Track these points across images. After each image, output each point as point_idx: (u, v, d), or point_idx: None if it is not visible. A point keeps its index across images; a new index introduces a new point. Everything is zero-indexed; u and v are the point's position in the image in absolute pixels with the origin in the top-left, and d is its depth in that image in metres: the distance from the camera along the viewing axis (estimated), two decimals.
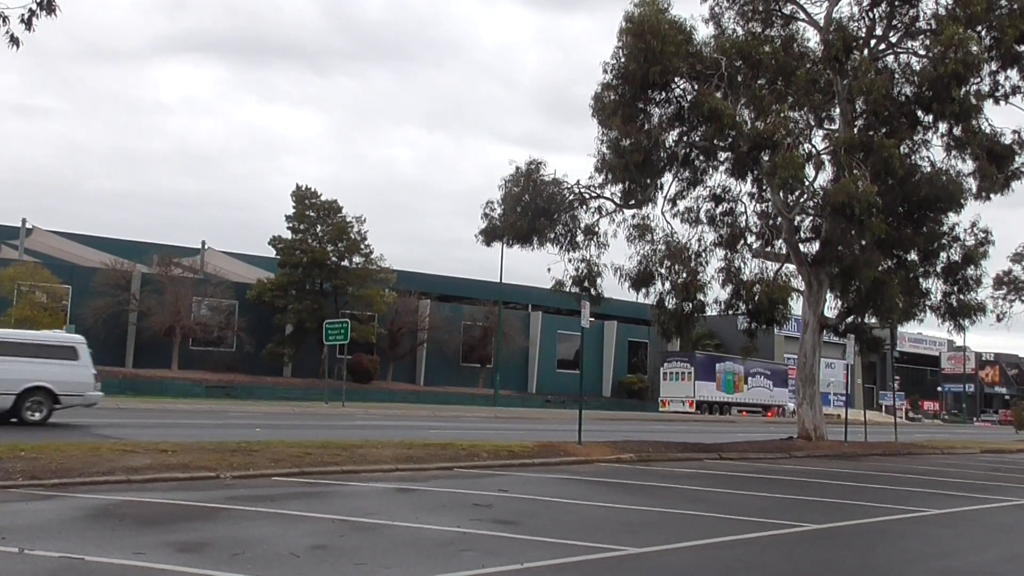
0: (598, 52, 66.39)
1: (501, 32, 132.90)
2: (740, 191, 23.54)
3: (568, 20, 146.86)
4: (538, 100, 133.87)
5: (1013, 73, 21.45)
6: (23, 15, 10.65)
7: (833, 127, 22.46)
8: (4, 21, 10.65)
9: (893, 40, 22.17)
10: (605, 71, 20.70)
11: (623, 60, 20.21)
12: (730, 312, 24.25)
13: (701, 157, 22.35)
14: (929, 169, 22.06)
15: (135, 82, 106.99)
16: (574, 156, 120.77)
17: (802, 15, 22.34)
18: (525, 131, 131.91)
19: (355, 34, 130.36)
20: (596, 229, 21.89)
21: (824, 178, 21.96)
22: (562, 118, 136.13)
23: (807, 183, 20.75)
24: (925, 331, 61.22)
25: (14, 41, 10.67)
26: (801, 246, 23.02)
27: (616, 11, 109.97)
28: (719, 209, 23.62)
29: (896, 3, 21.74)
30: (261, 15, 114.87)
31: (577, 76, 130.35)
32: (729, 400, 53.83)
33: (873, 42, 21.98)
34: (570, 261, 21.79)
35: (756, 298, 21.72)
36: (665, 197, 22.71)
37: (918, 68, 21.09)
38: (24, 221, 45.21)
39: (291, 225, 42.72)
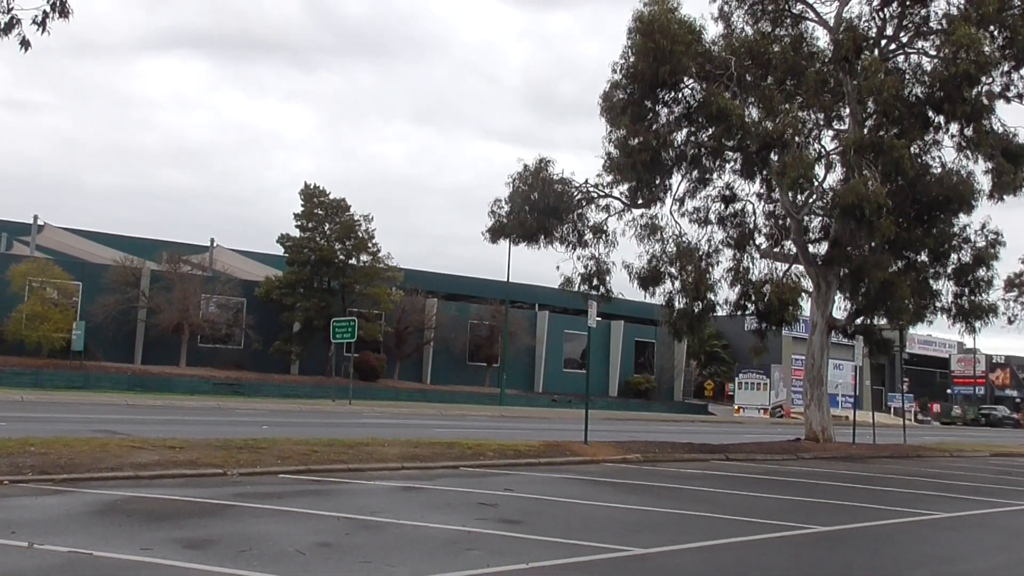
0: (581, 50, 66.45)
1: (483, 29, 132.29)
2: (749, 191, 23.53)
3: (549, 18, 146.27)
4: (523, 97, 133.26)
5: None
6: (36, 16, 10.58)
7: (843, 127, 22.37)
8: (17, 23, 10.59)
9: (904, 40, 22.05)
10: (614, 70, 20.72)
11: (632, 59, 20.19)
12: (739, 313, 24.18)
13: (710, 157, 22.29)
14: (940, 170, 21.95)
15: (122, 77, 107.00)
16: (563, 153, 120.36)
17: (812, 15, 22.25)
18: (512, 128, 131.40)
19: (337, 30, 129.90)
20: (604, 228, 21.91)
21: (833, 179, 21.89)
22: (548, 115, 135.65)
23: (816, 183, 20.68)
24: (935, 333, 61.05)
25: (24, 44, 10.60)
26: (810, 247, 22.95)
27: (597, 10, 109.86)
28: (727, 209, 23.57)
29: (907, 3, 21.61)
30: (242, 11, 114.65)
31: (562, 73, 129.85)
32: (779, 404, 58.18)
33: (884, 42, 21.86)
34: (579, 259, 21.82)
35: (766, 299, 21.67)
36: (673, 197, 22.69)
37: (929, 68, 20.99)
38: (36, 218, 45.40)
39: (299, 223, 42.77)
